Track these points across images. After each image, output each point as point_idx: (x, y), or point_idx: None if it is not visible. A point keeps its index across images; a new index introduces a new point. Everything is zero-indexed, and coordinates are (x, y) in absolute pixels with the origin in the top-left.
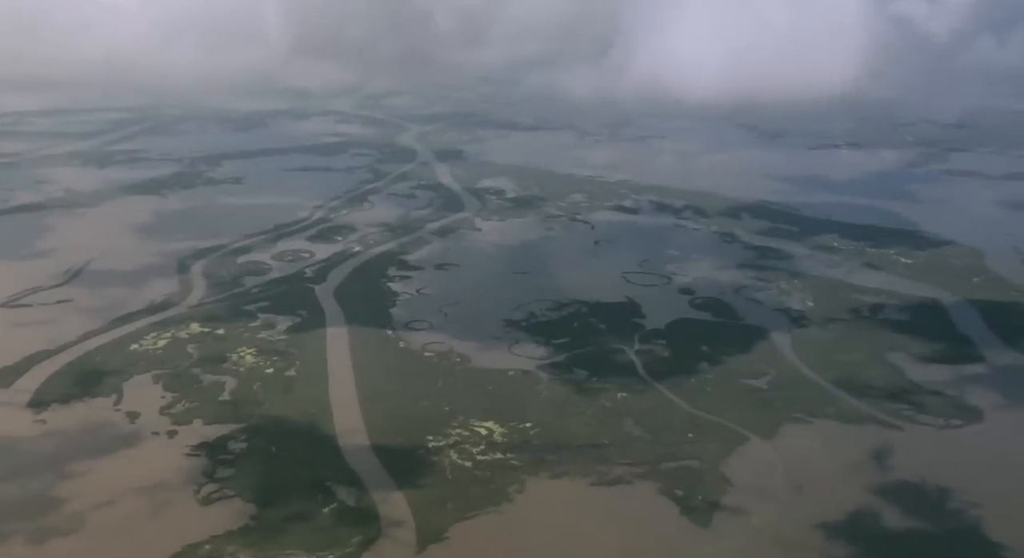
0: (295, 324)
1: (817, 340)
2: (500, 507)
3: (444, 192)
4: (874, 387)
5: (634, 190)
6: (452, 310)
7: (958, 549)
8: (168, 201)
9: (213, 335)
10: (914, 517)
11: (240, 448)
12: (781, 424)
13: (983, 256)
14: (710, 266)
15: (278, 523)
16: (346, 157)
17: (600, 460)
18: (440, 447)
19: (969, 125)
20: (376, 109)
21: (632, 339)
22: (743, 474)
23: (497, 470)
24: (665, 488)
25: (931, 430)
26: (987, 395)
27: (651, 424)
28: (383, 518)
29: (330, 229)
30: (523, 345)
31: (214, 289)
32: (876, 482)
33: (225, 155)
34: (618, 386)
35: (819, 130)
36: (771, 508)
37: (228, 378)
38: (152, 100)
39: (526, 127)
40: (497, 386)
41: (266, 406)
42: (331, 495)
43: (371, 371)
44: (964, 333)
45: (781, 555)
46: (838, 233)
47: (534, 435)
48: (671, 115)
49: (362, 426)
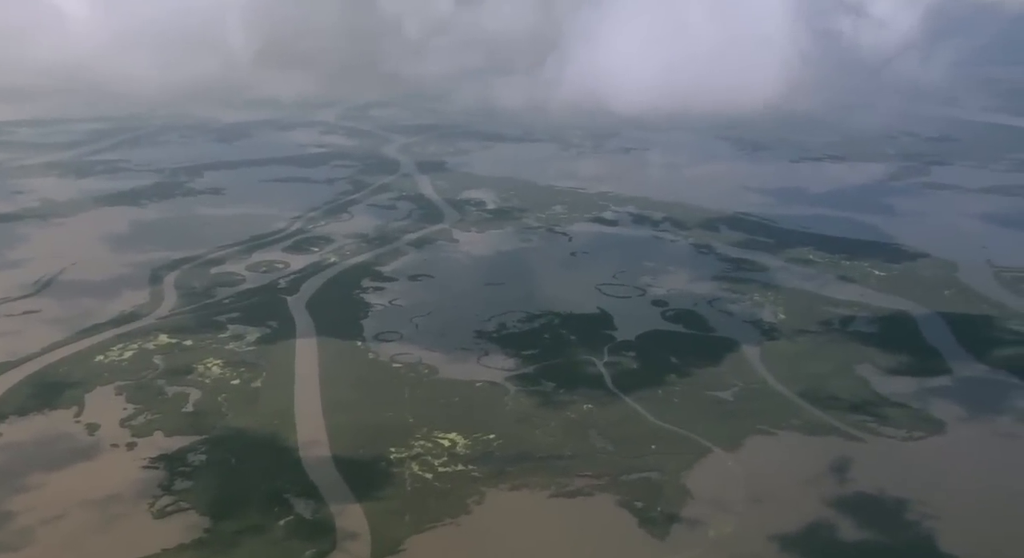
0: (264, 335)
1: (786, 352)
2: (458, 519)
3: (424, 203)
4: (840, 399)
5: (615, 202)
6: (423, 321)
7: None
8: (145, 212)
9: (180, 346)
10: (869, 529)
11: (199, 460)
12: (745, 436)
13: (956, 269)
14: (685, 278)
15: (231, 536)
16: (327, 168)
17: (561, 472)
18: (402, 458)
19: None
20: (361, 120)
21: (602, 351)
22: (704, 486)
23: (457, 482)
24: (625, 500)
25: (893, 442)
26: (951, 407)
27: (615, 436)
28: (339, 531)
29: (306, 240)
30: (492, 356)
31: (185, 300)
32: (835, 494)
33: (206, 166)
34: (585, 398)
35: (801, 143)
36: (729, 520)
37: (193, 390)
38: (135, 111)
39: (511, 139)
40: (463, 397)
41: (229, 418)
42: (288, 508)
43: (338, 382)
44: (932, 345)
45: None
46: (814, 246)
47: (497, 446)
48: (651, 127)
49: (325, 438)
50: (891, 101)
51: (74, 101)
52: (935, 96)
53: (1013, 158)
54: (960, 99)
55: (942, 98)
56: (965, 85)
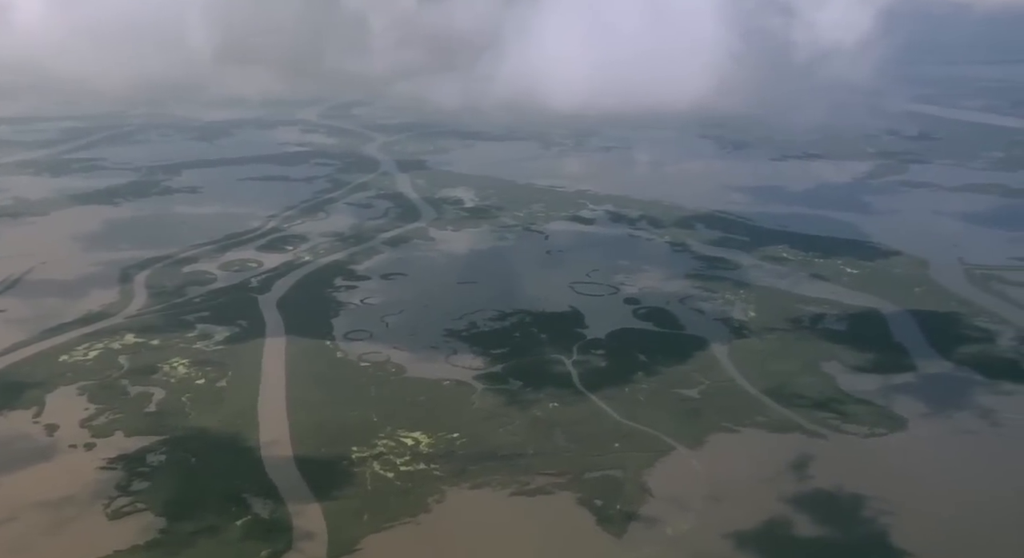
0: (233, 334)
1: (754, 350)
2: (417, 518)
3: (402, 202)
4: (804, 396)
5: (593, 200)
6: (394, 320)
7: (863, 557)
8: (120, 210)
9: (147, 346)
10: (825, 525)
11: (159, 460)
12: (708, 433)
13: (928, 266)
14: (658, 276)
15: (186, 537)
16: (307, 167)
17: (523, 470)
18: (364, 458)
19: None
20: (343, 119)
21: (571, 349)
22: (664, 484)
23: (418, 481)
24: (584, 498)
25: (854, 439)
26: (913, 404)
27: (579, 434)
28: (296, 530)
29: (281, 239)
30: (461, 355)
31: (154, 299)
32: (793, 491)
33: (184, 164)
34: (551, 396)
35: (782, 141)
36: (687, 518)
37: (157, 389)
38: (113, 109)
39: (492, 137)
40: (429, 396)
41: (192, 417)
42: (246, 508)
43: (304, 381)
44: (899, 343)
45: None
46: (788, 244)
47: (460, 445)
48: (632, 125)
49: (287, 437)
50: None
51: (48, 99)
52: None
53: (990, 156)
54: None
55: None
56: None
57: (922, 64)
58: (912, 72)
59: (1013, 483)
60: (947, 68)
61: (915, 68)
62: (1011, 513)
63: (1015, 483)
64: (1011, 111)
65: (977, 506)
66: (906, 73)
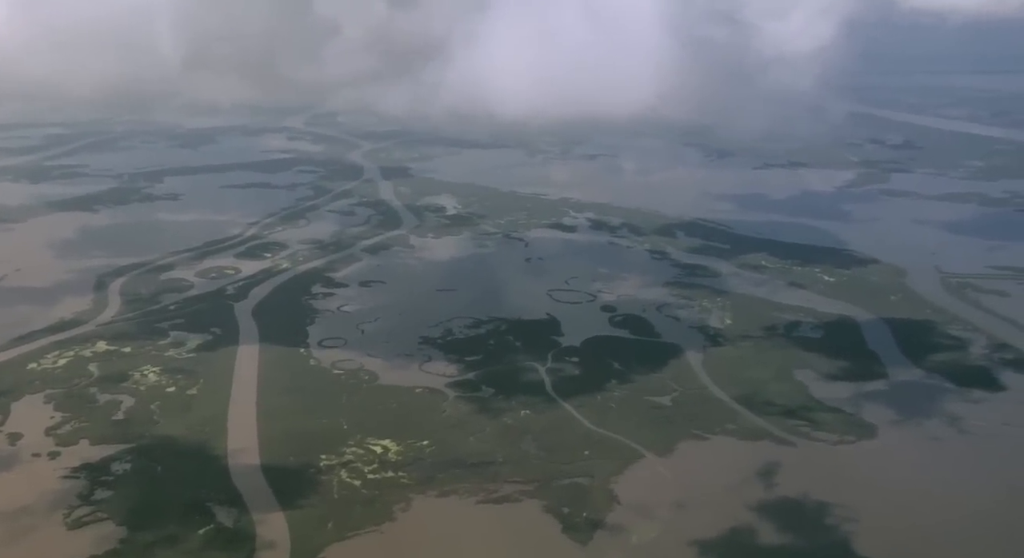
0: (206, 342)
1: (728, 357)
2: (381, 526)
3: (384, 209)
4: (775, 404)
5: (575, 208)
6: (370, 327)
7: None
8: (98, 217)
9: (118, 353)
10: (788, 533)
11: (124, 469)
12: (678, 441)
13: (905, 274)
14: (637, 284)
15: (145, 547)
16: (290, 174)
17: (491, 478)
18: (332, 465)
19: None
20: (329, 126)
21: (546, 357)
22: (631, 491)
23: (385, 488)
24: (551, 506)
25: (824, 446)
26: (884, 412)
27: (548, 442)
28: (259, 539)
29: (260, 246)
30: (435, 363)
31: (129, 306)
32: (759, 499)
33: (167, 171)
34: (523, 404)
35: (766, 150)
36: (652, 526)
37: (126, 397)
38: (98, 116)
39: (478, 145)
40: (401, 404)
41: (160, 425)
42: (209, 516)
43: (275, 389)
44: (873, 350)
45: None
46: (768, 252)
47: (429, 453)
48: (617, 133)
49: (255, 445)
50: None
51: (34, 106)
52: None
53: (971, 166)
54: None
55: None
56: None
57: (873, 74)
58: (860, 81)
59: (977, 490)
60: (907, 78)
61: (865, 77)
62: (974, 520)
63: (979, 490)
64: (991, 120)
65: (941, 513)
66: (854, 82)
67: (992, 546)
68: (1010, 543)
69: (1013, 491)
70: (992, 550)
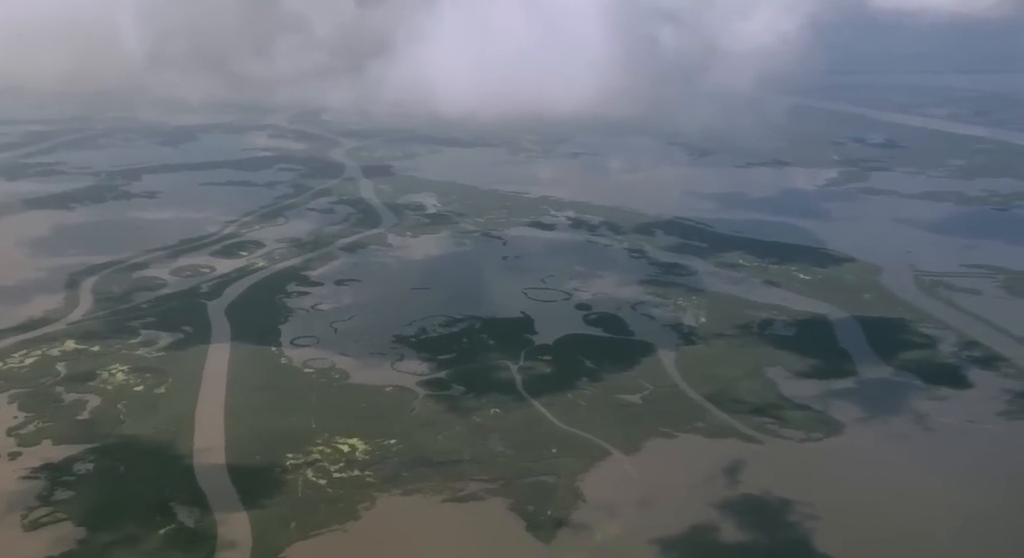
0: (177, 341)
1: (700, 356)
2: (344, 525)
3: (363, 208)
4: (744, 402)
5: (555, 206)
6: (343, 326)
7: None
8: (74, 215)
9: (87, 352)
10: (749, 531)
11: (86, 469)
12: (646, 439)
13: (879, 273)
14: (613, 282)
15: (103, 548)
16: (271, 172)
17: (457, 476)
18: (298, 465)
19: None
20: (313, 124)
21: (518, 355)
22: (597, 489)
23: (350, 487)
24: (516, 504)
25: (790, 444)
26: (851, 409)
27: (517, 440)
28: (220, 539)
29: (236, 245)
30: (407, 361)
31: (100, 305)
32: (723, 496)
33: (146, 169)
34: (493, 402)
35: (748, 148)
36: (615, 524)
37: (92, 396)
38: (79, 113)
39: (461, 143)
40: (371, 402)
41: (126, 425)
42: (171, 516)
43: (245, 388)
44: (844, 348)
45: None
46: (745, 250)
47: (396, 452)
48: (600, 133)
49: (222, 444)
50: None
51: (13, 102)
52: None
53: (951, 164)
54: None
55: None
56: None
57: (856, 73)
58: (840, 81)
59: (939, 487)
60: (885, 77)
61: (847, 77)
62: (934, 516)
63: (941, 487)
64: (974, 119)
65: (901, 509)
66: (829, 81)
67: (951, 542)
68: (970, 539)
69: (975, 487)
70: (951, 546)
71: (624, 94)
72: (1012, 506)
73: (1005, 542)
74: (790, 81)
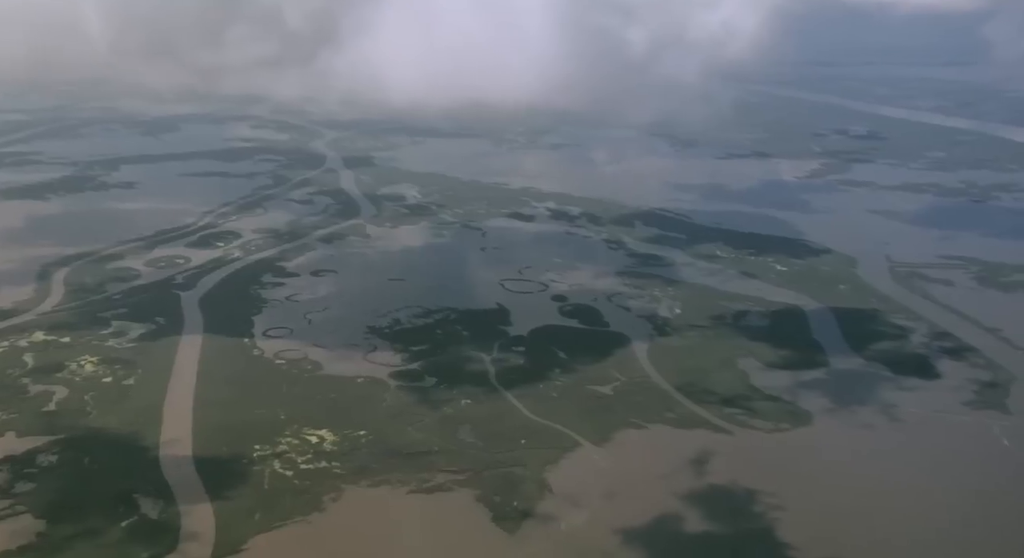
0: (149, 332)
1: (673, 347)
2: (309, 517)
3: (342, 198)
4: (715, 393)
5: (535, 197)
6: (317, 317)
7: (747, 552)
8: (48, 206)
9: (56, 343)
10: (713, 521)
11: (49, 461)
12: (615, 430)
13: (855, 264)
14: (590, 273)
15: (63, 540)
16: (250, 163)
17: (425, 467)
18: (265, 456)
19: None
20: (295, 115)
21: (492, 346)
22: (564, 480)
23: (317, 479)
24: (483, 495)
25: (759, 434)
26: (820, 400)
27: (487, 431)
28: (183, 531)
29: (213, 235)
30: (380, 352)
31: (71, 296)
32: (688, 487)
33: (124, 159)
34: (465, 394)
35: (730, 140)
36: (581, 515)
37: (60, 388)
38: (59, 103)
39: (444, 134)
40: (341, 394)
41: (92, 416)
42: (134, 508)
43: (215, 379)
44: (816, 339)
45: None
46: (723, 241)
47: (365, 443)
48: (584, 124)
49: (189, 436)
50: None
51: None
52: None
53: (932, 156)
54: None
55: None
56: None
57: (837, 65)
58: (826, 72)
59: (902, 477)
60: (861, 69)
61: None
62: (895, 505)
63: (904, 477)
64: (956, 111)
65: (864, 499)
66: (812, 73)
67: (911, 531)
68: (931, 528)
69: (939, 477)
70: (911, 535)
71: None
72: (974, 495)
73: (967, 531)
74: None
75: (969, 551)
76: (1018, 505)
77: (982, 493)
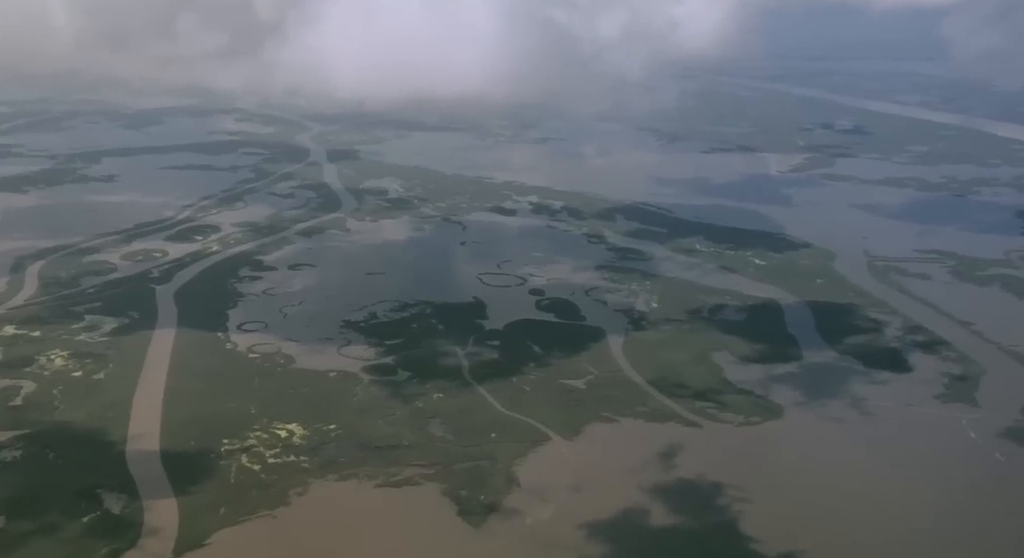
0: (122, 325)
1: (648, 341)
2: (275, 511)
3: (325, 192)
4: (688, 386)
5: (518, 192)
6: (293, 311)
7: (709, 544)
8: (26, 198)
9: (26, 337)
10: (678, 514)
11: (12, 456)
12: (586, 423)
13: (834, 258)
14: (569, 267)
15: (21, 536)
16: (234, 156)
17: (394, 461)
18: (233, 450)
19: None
20: (282, 108)
21: (467, 341)
22: (532, 474)
23: (284, 473)
24: (450, 489)
25: (729, 427)
26: (791, 393)
27: (457, 425)
28: (145, 526)
29: (192, 229)
30: (354, 346)
31: (45, 290)
32: (656, 480)
33: (106, 152)
34: (437, 387)
35: (715, 134)
36: (547, 508)
37: (27, 382)
38: (44, 95)
39: (429, 127)
40: (313, 387)
41: (60, 411)
42: (97, 504)
43: (186, 374)
44: (791, 333)
45: (540, 556)
46: (703, 235)
47: (335, 437)
48: (566, 118)
49: (157, 430)
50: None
51: None
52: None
53: (915, 151)
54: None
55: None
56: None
57: (827, 60)
58: (812, 67)
59: (870, 469)
60: (845, 64)
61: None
62: (861, 498)
63: (872, 469)
64: (941, 106)
65: (830, 491)
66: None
67: (876, 523)
68: (896, 520)
69: (905, 470)
70: (875, 527)
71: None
72: (940, 488)
73: (933, 524)
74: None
75: (931, 541)
76: (982, 497)
77: (947, 485)
